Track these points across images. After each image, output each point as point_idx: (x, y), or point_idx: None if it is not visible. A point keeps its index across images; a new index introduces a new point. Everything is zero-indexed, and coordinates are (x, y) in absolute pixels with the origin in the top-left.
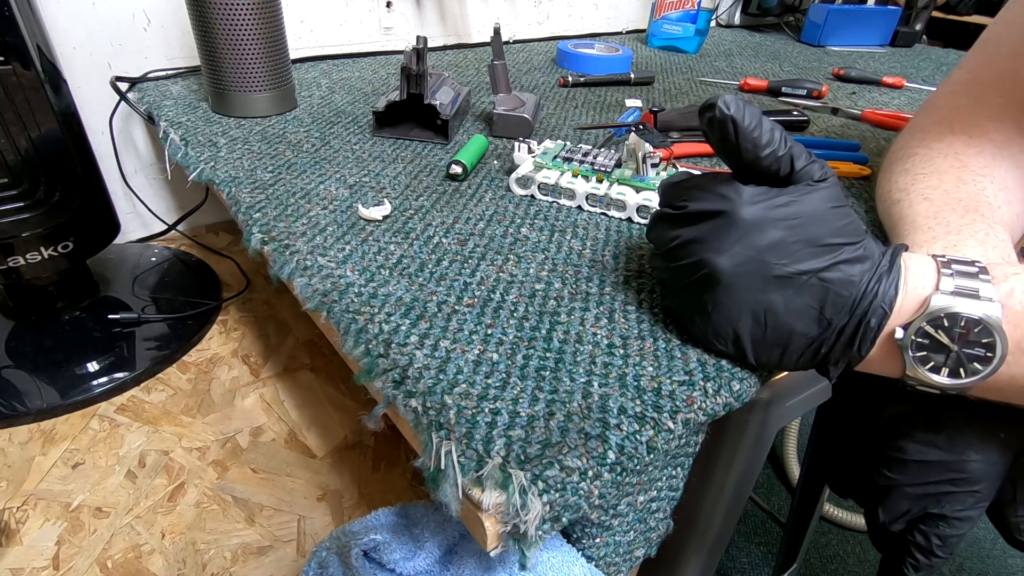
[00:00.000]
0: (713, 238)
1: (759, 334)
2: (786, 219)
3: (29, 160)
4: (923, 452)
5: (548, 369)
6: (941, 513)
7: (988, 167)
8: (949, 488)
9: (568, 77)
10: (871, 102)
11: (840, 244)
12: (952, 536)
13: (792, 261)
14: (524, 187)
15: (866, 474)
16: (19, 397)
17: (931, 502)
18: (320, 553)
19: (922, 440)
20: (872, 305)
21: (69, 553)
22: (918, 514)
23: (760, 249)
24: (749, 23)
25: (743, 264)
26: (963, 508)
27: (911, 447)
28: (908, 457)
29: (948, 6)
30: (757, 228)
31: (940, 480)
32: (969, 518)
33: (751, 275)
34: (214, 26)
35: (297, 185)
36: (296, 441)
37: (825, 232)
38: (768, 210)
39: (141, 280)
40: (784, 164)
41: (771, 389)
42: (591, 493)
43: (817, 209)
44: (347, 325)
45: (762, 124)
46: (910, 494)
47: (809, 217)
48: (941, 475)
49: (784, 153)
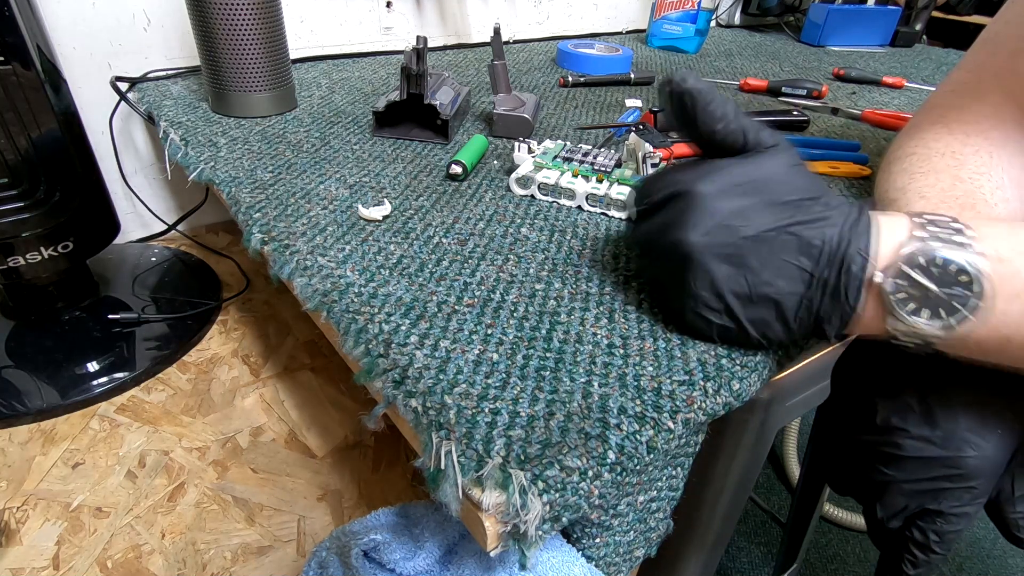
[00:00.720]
0: (678, 217)
1: (745, 298)
2: (742, 184)
3: (29, 160)
4: (919, 449)
5: (548, 369)
6: (938, 509)
7: (985, 166)
8: (946, 484)
9: (568, 77)
10: (871, 102)
11: (801, 200)
12: (949, 532)
13: (756, 221)
14: (524, 187)
15: (863, 471)
16: (19, 397)
17: (928, 498)
18: (320, 553)
19: (918, 436)
20: (849, 252)
21: (69, 553)
22: (915, 510)
23: (723, 215)
24: (749, 23)
25: (710, 232)
26: (960, 504)
27: (907, 443)
28: (904, 454)
29: (948, 6)
30: (716, 198)
31: (936, 476)
32: (966, 514)
33: (721, 243)
34: (214, 26)
35: (297, 185)
36: (296, 441)
37: (785, 191)
38: (724, 180)
39: (141, 280)
40: (738, 136)
41: (771, 389)
42: (591, 493)
43: (773, 171)
44: (347, 325)
45: (716, 99)
46: (907, 490)
47: (765, 180)
48: (937, 471)
49: (736, 127)
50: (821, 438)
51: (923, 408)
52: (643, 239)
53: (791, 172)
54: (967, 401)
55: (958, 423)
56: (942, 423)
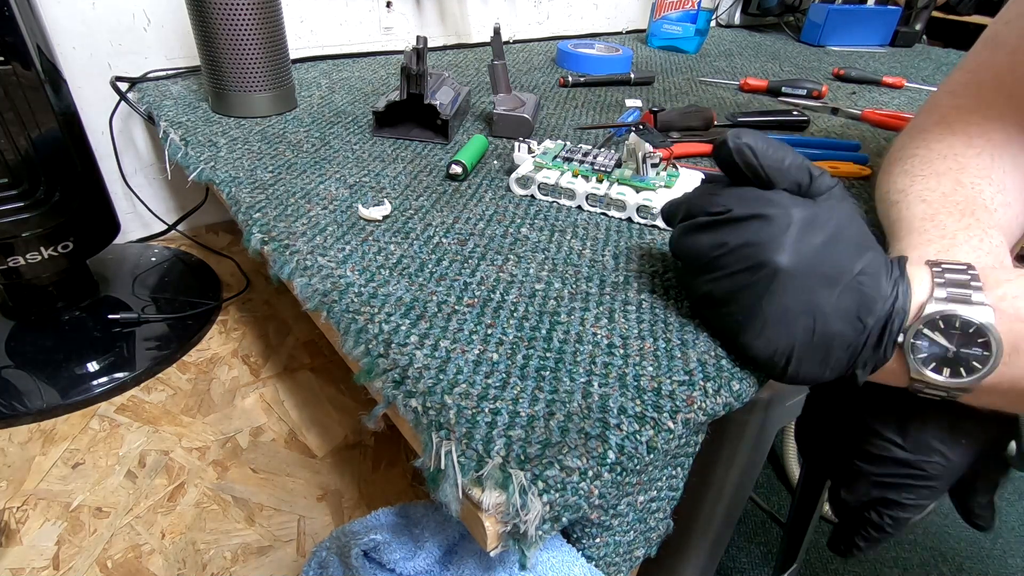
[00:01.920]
0: (770, 239)
1: (808, 338)
2: (829, 222)
3: (29, 160)
4: (890, 450)
5: (548, 369)
6: (897, 500)
7: (987, 169)
8: (908, 482)
9: (568, 77)
10: (871, 102)
11: (867, 248)
12: (903, 518)
13: (839, 260)
14: (524, 187)
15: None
16: (19, 397)
17: (889, 490)
18: (320, 553)
19: (891, 440)
20: (895, 308)
21: (69, 553)
22: (876, 497)
23: (815, 247)
24: (749, 23)
25: (803, 261)
26: (917, 498)
27: (881, 444)
28: (877, 452)
29: (948, 6)
30: (810, 227)
31: (902, 475)
32: (922, 506)
33: (809, 273)
34: (214, 26)
35: (297, 185)
36: (296, 441)
37: (858, 237)
38: (812, 214)
39: (141, 280)
40: (804, 175)
41: (771, 389)
42: (591, 493)
43: (849, 216)
44: (347, 325)
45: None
46: (874, 481)
47: (846, 222)
48: (903, 470)
49: (803, 164)
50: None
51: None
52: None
53: (859, 221)
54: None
55: (926, 430)
56: (912, 429)
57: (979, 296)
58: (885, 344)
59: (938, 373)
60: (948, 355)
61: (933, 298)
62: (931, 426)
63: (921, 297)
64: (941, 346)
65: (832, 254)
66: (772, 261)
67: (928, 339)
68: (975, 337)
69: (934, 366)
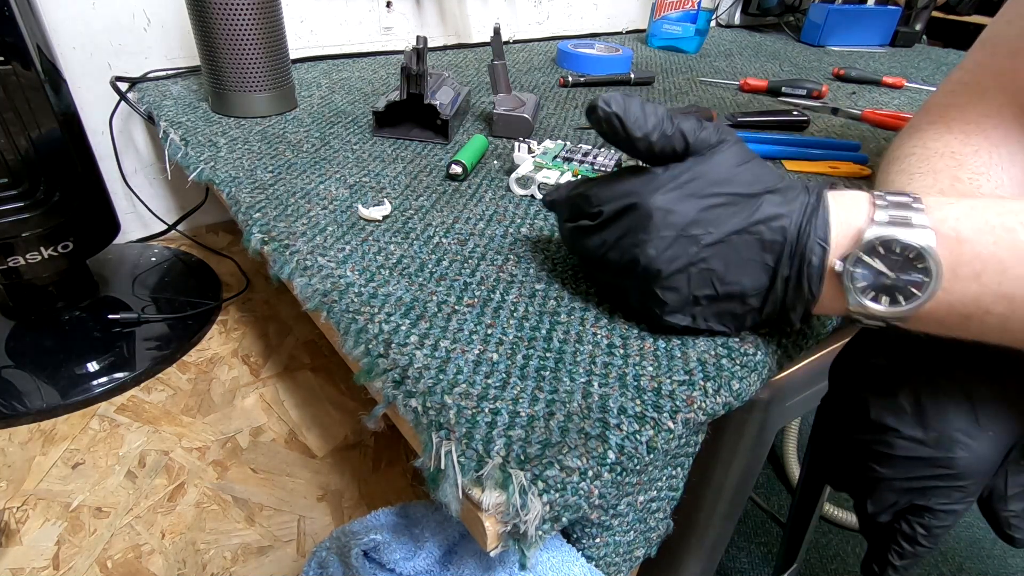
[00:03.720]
0: (636, 232)
1: (712, 298)
2: (696, 189)
3: (29, 160)
4: (910, 449)
5: (548, 369)
6: (927, 505)
7: (984, 166)
8: (935, 483)
9: (568, 77)
10: (871, 102)
11: (758, 194)
12: (937, 527)
13: (716, 226)
14: (524, 187)
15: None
16: (19, 397)
17: (917, 495)
18: (320, 553)
19: (909, 437)
20: (809, 244)
21: (69, 553)
22: (904, 506)
23: (681, 227)
24: (749, 23)
25: (671, 246)
26: (949, 502)
27: (899, 443)
28: (896, 453)
29: (948, 6)
30: (671, 208)
31: (926, 476)
32: (955, 511)
33: (683, 254)
34: (214, 26)
35: (297, 185)
36: (296, 441)
37: (738, 188)
38: (676, 187)
39: (141, 280)
40: (677, 141)
41: (771, 389)
42: (591, 493)
43: (723, 170)
44: (347, 325)
45: (644, 109)
46: (897, 488)
47: (718, 180)
48: (928, 471)
49: (673, 131)
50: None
51: (916, 409)
52: (595, 252)
53: (742, 168)
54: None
55: (949, 423)
56: (934, 424)
57: (920, 219)
58: (808, 281)
59: (877, 303)
60: (887, 282)
61: (873, 222)
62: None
63: (859, 223)
64: (880, 273)
65: (711, 219)
66: (642, 255)
67: (867, 266)
68: (915, 262)
69: (873, 295)
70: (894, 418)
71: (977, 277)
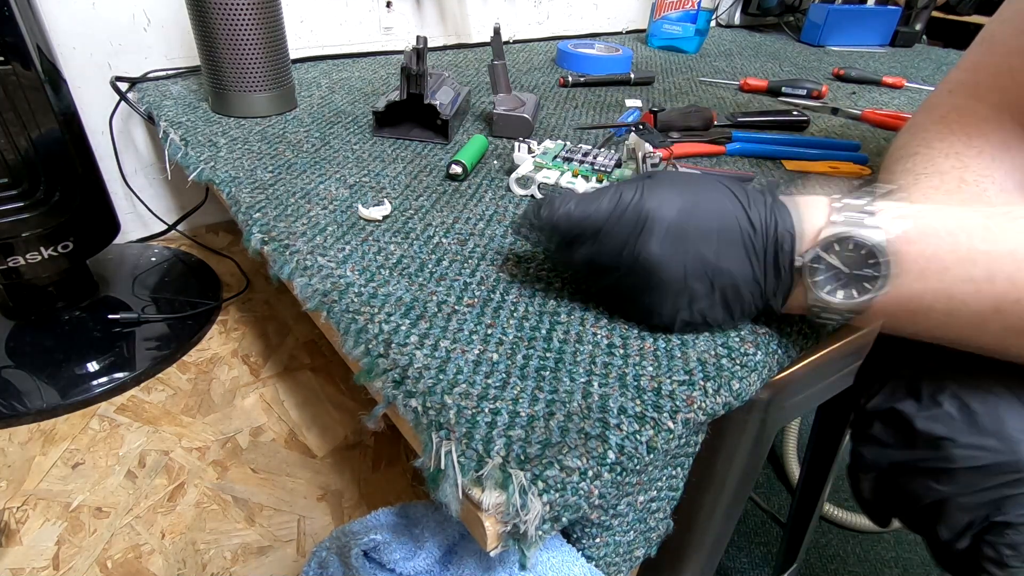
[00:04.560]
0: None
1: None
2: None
3: (29, 160)
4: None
5: (548, 369)
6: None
7: (989, 168)
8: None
9: (568, 77)
10: (871, 102)
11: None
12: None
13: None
14: (524, 187)
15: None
16: (19, 397)
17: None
18: (320, 553)
19: (967, 445)
20: (779, 232)
21: (69, 553)
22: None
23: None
24: (749, 23)
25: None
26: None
27: (956, 453)
28: (955, 466)
29: (948, 6)
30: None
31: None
32: None
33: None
34: (214, 26)
35: (297, 185)
36: (296, 441)
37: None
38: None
39: (141, 280)
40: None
41: (771, 389)
42: (591, 493)
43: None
44: (347, 325)
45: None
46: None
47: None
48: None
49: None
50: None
51: (964, 413)
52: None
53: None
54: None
55: (1006, 423)
56: (988, 426)
57: (872, 220)
58: (782, 268)
59: (834, 296)
60: (842, 277)
61: (829, 222)
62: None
63: (819, 223)
64: (836, 268)
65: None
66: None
67: (825, 262)
68: (867, 258)
69: (829, 289)
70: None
71: (922, 275)
